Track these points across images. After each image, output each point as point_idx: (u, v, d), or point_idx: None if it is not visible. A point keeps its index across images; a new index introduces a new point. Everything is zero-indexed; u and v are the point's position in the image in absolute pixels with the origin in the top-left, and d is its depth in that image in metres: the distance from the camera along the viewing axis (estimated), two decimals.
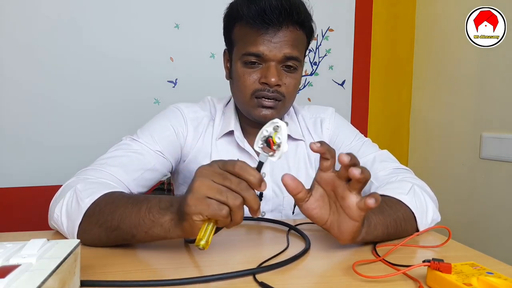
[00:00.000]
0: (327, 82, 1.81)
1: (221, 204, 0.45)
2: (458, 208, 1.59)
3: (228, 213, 0.46)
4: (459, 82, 1.60)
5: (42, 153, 1.48)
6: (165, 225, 0.50)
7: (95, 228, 0.56)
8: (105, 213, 0.56)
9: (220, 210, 0.45)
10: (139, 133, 0.80)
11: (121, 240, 0.55)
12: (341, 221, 0.53)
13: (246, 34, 0.75)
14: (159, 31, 1.57)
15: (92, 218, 0.57)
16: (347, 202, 0.51)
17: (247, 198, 0.46)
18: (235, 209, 0.46)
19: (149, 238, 0.52)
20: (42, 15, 1.43)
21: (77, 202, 0.59)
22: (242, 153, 0.85)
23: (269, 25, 0.72)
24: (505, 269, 0.52)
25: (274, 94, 0.76)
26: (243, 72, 0.77)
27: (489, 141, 1.45)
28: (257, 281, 0.46)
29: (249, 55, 0.75)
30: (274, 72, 0.74)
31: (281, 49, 0.74)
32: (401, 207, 0.64)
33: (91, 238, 0.57)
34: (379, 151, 0.86)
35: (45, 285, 0.31)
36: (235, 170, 0.47)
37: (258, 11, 0.72)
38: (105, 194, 0.59)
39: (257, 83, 0.76)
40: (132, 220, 0.53)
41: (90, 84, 1.51)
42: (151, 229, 0.51)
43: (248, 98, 0.78)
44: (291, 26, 0.74)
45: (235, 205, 0.46)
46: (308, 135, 0.90)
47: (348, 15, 1.80)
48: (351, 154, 0.48)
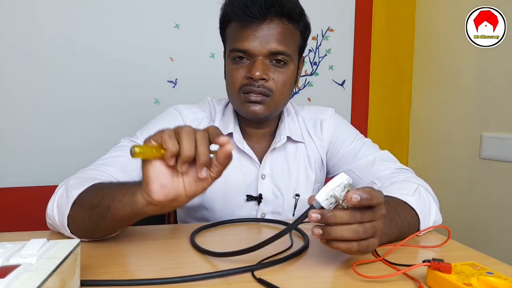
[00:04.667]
0: (327, 82, 1.81)
1: (173, 130, 0.46)
2: (458, 208, 1.59)
3: (175, 133, 0.45)
4: (459, 82, 1.60)
5: (42, 153, 1.48)
6: (135, 188, 0.50)
7: (80, 212, 0.58)
8: (90, 194, 0.59)
9: (170, 131, 0.45)
10: (138, 135, 0.81)
11: (100, 218, 0.55)
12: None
13: (234, 31, 0.76)
14: (159, 31, 1.56)
15: (78, 204, 0.59)
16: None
17: (198, 132, 0.46)
18: (183, 133, 0.45)
19: (121, 207, 0.52)
20: (42, 15, 1.43)
21: (66, 195, 0.62)
22: (242, 155, 0.85)
23: (252, 19, 0.72)
24: (505, 269, 0.52)
25: (261, 89, 0.75)
26: (231, 68, 0.78)
27: (489, 141, 1.45)
28: (256, 277, 0.46)
29: (235, 51, 0.76)
30: (259, 66, 0.74)
31: (266, 43, 0.73)
32: (408, 213, 0.64)
33: (77, 225, 0.59)
34: (380, 152, 0.86)
35: (45, 285, 0.31)
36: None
37: (240, 5, 0.72)
38: (93, 184, 0.62)
39: (244, 78, 0.76)
40: (111, 194, 0.54)
41: (90, 84, 1.51)
42: (124, 196, 0.51)
43: (236, 94, 0.78)
44: (276, 19, 0.74)
45: (185, 129, 0.45)
46: (308, 136, 0.90)
47: (348, 15, 1.79)
48: (364, 195, 0.45)
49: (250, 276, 0.48)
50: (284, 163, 0.87)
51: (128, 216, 0.52)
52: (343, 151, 0.87)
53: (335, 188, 0.46)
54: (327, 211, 0.46)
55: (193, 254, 0.56)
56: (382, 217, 0.49)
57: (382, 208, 0.49)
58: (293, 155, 0.88)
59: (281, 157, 0.87)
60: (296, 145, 0.89)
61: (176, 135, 0.45)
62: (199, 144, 0.45)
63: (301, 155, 0.89)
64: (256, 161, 0.85)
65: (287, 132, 0.86)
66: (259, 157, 0.86)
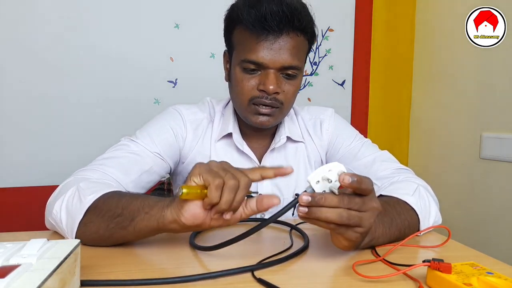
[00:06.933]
0: (327, 82, 1.81)
1: (219, 175, 0.48)
2: (458, 208, 1.59)
3: (221, 184, 0.47)
4: (459, 82, 1.60)
5: (41, 153, 1.48)
6: (165, 203, 0.52)
7: (97, 219, 0.57)
8: (110, 203, 0.57)
9: (216, 176, 0.47)
10: (138, 134, 0.80)
11: (119, 228, 0.55)
12: (337, 236, 0.52)
13: (246, 39, 0.74)
14: (159, 31, 1.56)
15: (94, 211, 0.57)
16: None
17: (242, 181, 0.48)
18: (227, 187, 0.47)
19: (147, 219, 0.53)
20: (42, 15, 1.43)
21: (79, 199, 0.59)
22: (241, 156, 0.85)
23: (269, 32, 0.70)
24: (505, 269, 0.52)
25: (272, 102, 0.75)
26: (241, 78, 0.76)
27: (489, 141, 1.45)
28: (256, 277, 0.46)
29: (248, 62, 0.74)
30: (273, 80, 0.73)
31: (280, 57, 0.72)
32: (408, 213, 0.64)
33: (89, 231, 0.57)
34: (379, 152, 0.86)
35: (45, 285, 0.31)
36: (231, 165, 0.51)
37: (258, 16, 0.70)
38: (112, 191, 0.61)
39: (255, 90, 0.75)
40: (135, 205, 0.55)
41: (90, 84, 1.51)
42: (152, 209, 0.53)
43: (245, 104, 0.77)
44: (291, 32, 0.72)
45: (229, 182, 0.47)
46: (308, 136, 0.90)
47: (348, 15, 1.79)
48: (354, 177, 0.46)
49: (250, 276, 0.48)
50: (283, 163, 0.87)
51: (152, 229, 0.54)
52: (342, 151, 0.87)
53: (327, 172, 0.47)
54: (317, 194, 0.47)
55: (193, 254, 0.56)
56: (374, 211, 0.50)
57: (374, 201, 0.50)
58: (293, 155, 0.88)
59: (280, 157, 0.87)
60: (296, 145, 0.89)
61: (220, 185, 0.47)
62: (237, 200, 0.48)
63: (301, 155, 0.89)
64: (256, 161, 0.85)
65: (287, 132, 0.86)
66: (258, 157, 0.86)
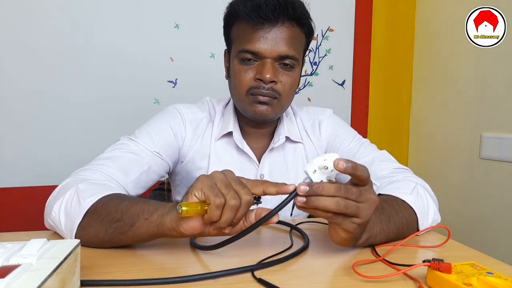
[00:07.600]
0: (327, 82, 1.81)
1: (220, 193, 0.47)
2: (458, 208, 1.59)
3: (222, 204, 0.47)
4: (459, 82, 1.60)
5: (41, 153, 1.48)
6: (164, 210, 0.53)
7: (96, 223, 0.57)
8: (109, 207, 0.57)
9: (217, 196, 0.47)
10: (137, 133, 0.80)
11: (118, 233, 0.55)
12: (335, 227, 0.53)
13: (243, 31, 0.75)
14: (159, 31, 1.56)
15: (93, 215, 0.57)
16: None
17: (243, 200, 0.48)
18: (228, 207, 0.47)
19: (146, 225, 0.53)
20: (42, 14, 1.43)
21: (77, 201, 0.59)
22: (241, 155, 0.85)
23: (264, 20, 0.72)
24: (505, 269, 0.52)
25: (269, 92, 0.75)
26: (239, 69, 0.77)
27: (489, 141, 1.45)
28: (256, 277, 0.46)
29: (245, 52, 0.75)
30: (270, 69, 0.74)
31: (276, 46, 0.73)
32: (406, 211, 0.64)
33: (88, 235, 0.57)
34: (378, 152, 0.86)
35: (45, 285, 0.31)
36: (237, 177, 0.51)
37: (253, 6, 0.72)
38: (109, 194, 0.60)
39: (253, 80, 0.76)
40: (135, 210, 0.55)
41: (90, 84, 1.51)
42: (151, 215, 0.53)
43: (243, 95, 0.77)
44: (287, 22, 0.74)
45: (230, 202, 0.47)
46: (306, 137, 0.90)
47: (348, 15, 1.79)
48: (349, 163, 0.47)
49: (250, 276, 0.48)
50: (282, 163, 0.87)
51: (152, 235, 0.54)
52: (341, 152, 0.87)
53: (323, 161, 0.48)
54: (315, 183, 0.48)
55: (193, 254, 0.56)
56: (371, 203, 0.50)
57: (371, 193, 0.50)
58: (291, 155, 0.88)
59: (279, 157, 0.87)
60: (294, 145, 0.89)
61: (221, 205, 0.47)
62: (237, 218, 0.49)
63: (299, 155, 0.89)
64: (255, 160, 0.85)
65: (286, 132, 0.86)
66: (257, 156, 0.86)
